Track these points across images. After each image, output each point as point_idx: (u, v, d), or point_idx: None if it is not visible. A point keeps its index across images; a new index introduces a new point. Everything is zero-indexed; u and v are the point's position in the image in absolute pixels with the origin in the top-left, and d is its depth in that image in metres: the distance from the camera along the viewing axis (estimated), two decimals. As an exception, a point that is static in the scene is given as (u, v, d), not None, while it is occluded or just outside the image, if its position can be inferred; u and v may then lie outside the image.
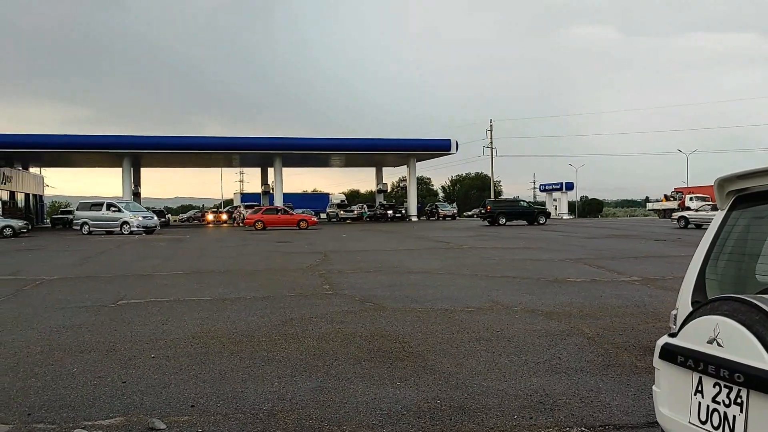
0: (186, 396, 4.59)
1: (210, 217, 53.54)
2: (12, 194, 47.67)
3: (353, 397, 4.53)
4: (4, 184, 44.68)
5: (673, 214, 39.25)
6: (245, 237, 27.80)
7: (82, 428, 3.92)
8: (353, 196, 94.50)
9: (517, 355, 5.66)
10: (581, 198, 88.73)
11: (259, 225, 35.63)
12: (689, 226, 31.41)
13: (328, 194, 79.23)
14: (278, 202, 46.29)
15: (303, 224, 36.17)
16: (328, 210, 60.17)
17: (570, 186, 61.97)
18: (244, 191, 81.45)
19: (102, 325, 7.27)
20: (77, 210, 34.97)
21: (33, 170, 56.35)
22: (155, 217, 35.58)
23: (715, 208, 28.54)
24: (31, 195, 53.90)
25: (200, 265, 14.48)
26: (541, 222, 38.46)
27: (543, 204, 60.27)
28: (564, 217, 57.40)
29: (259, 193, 58.82)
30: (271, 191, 50.53)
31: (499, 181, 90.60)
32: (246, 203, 56.10)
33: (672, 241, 21.59)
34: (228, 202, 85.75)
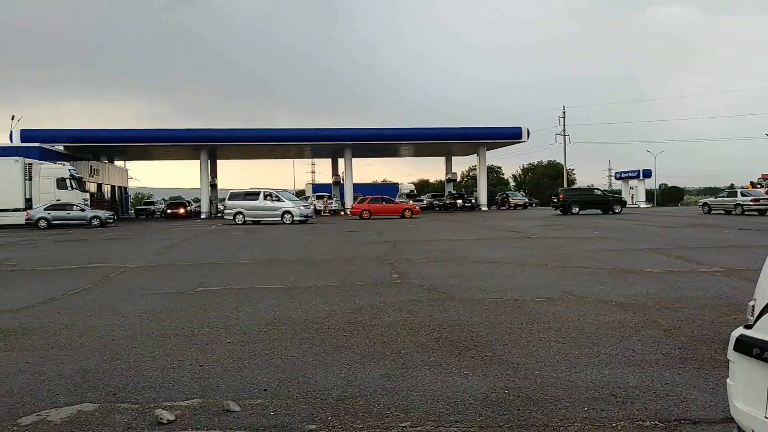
0: (259, 380, 4.76)
1: None
2: (99, 186, 50.24)
3: (421, 385, 4.57)
4: (92, 176, 47.11)
5: (698, 200, 40.74)
6: (315, 226, 28.30)
7: (162, 408, 4.14)
8: (423, 186, 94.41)
9: (588, 347, 5.54)
10: (660, 186, 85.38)
11: (366, 214, 35.48)
12: (712, 212, 34.65)
13: (398, 184, 79.49)
14: (348, 192, 46.80)
15: (408, 213, 35.76)
16: (397, 200, 60.44)
17: (648, 173, 59.59)
18: (316, 182, 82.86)
19: (181, 311, 7.60)
20: (228, 200, 34.11)
21: (118, 163, 59.19)
22: (311, 207, 35.69)
23: (731, 194, 32.08)
24: (116, 187, 56.68)
25: (273, 254, 14.87)
26: (616, 211, 37.23)
27: (618, 192, 58.39)
28: (641, 206, 55.39)
29: (329, 184, 59.68)
30: (342, 181, 51.15)
31: (573, 169, 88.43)
32: (317, 193, 57.11)
33: (758, 230, 20.49)
34: (300, 192, 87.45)
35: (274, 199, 32.53)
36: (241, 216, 32.42)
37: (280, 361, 5.29)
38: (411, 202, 50.83)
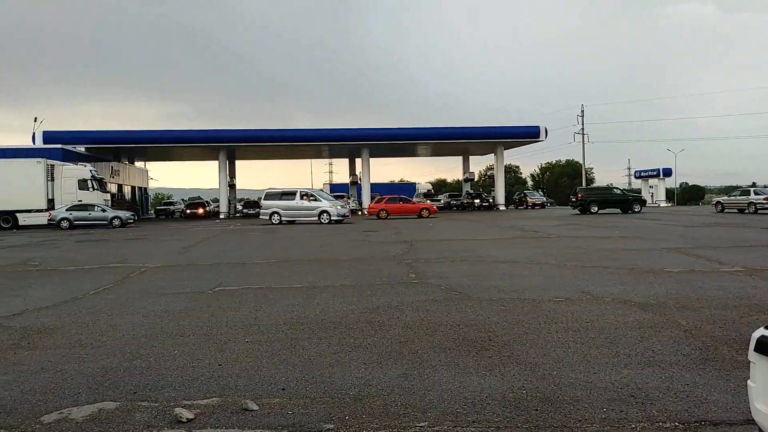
0: (277, 379, 4.79)
1: None
2: (120, 187, 50.76)
3: (438, 384, 4.57)
4: (113, 177, 47.62)
5: (713, 199, 41.78)
6: (334, 226, 28.36)
7: (182, 407, 4.18)
8: (440, 185, 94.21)
9: (607, 347, 5.50)
10: (681, 185, 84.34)
11: (383, 214, 35.20)
12: (725, 210, 35.24)
13: (415, 184, 79.42)
14: (366, 192, 46.83)
15: (425, 212, 35.42)
16: (414, 200, 60.38)
17: (668, 172, 58.87)
18: (333, 182, 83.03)
19: (200, 311, 7.67)
20: (264, 200, 33.42)
21: (138, 164, 59.79)
22: (347, 206, 35.51)
23: (744, 193, 32.29)
24: (136, 187, 57.24)
25: (290, 254, 14.93)
26: (635, 210, 36.86)
27: (638, 191, 57.78)
28: (661, 205, 54.79)
29: (347, 183, 59.76)
30: (359, 181, 51.18)
31: (591, 168, 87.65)
32: (335, 193, 57.23)
33: (782, 229, 20.16)
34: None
35: (311, 198, 32.19)
36: (277, 216, 32.05)
37: (298, 360, 5.32)
38: (428, 201, 50.77)
